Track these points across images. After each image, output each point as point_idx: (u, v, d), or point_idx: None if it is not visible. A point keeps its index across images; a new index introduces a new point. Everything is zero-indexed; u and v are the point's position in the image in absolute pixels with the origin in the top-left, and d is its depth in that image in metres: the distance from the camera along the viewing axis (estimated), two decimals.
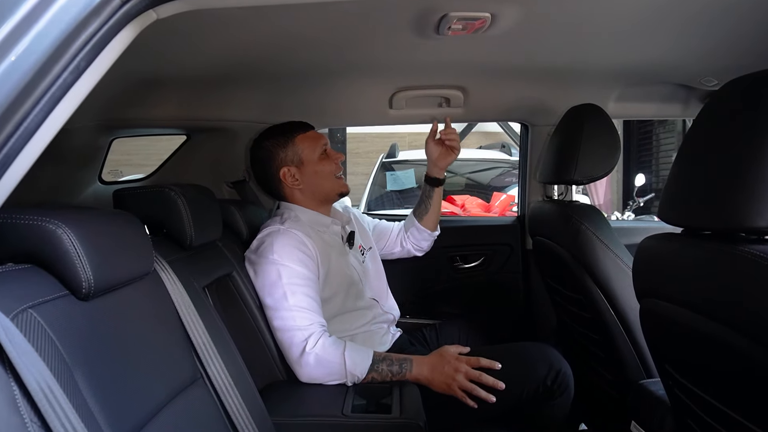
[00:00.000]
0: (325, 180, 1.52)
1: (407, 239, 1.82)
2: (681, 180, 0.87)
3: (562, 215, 1.52)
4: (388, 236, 1.82)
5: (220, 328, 1.11)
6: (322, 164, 1.51)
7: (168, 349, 0.95)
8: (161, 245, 1.12)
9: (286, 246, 1.39)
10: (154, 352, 0.90)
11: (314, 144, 1.51)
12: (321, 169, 1.51)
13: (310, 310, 1.35)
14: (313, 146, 1.50)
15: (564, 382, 1.37)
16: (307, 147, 1.50)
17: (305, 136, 1.51)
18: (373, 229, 1.81)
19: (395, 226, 1.85)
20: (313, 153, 1.50)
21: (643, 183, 3.88)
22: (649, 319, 1.01)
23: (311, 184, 1.52)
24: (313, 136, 1.53)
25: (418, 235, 1.81)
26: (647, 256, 0.97)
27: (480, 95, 1.77)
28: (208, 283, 1.26)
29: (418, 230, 1.80)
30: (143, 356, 0.85)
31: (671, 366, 0.99)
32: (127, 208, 1.16)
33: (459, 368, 1.32)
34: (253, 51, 1.34)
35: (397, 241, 1.82)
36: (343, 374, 1.31)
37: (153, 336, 0.91)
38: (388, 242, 1.82)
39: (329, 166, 1.52)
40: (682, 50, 1.42)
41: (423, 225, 1.79)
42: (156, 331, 0.93)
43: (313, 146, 1.50)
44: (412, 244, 1.83)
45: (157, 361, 0.90)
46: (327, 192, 1.53)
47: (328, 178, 1.52)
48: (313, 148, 1.50)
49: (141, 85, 1.51)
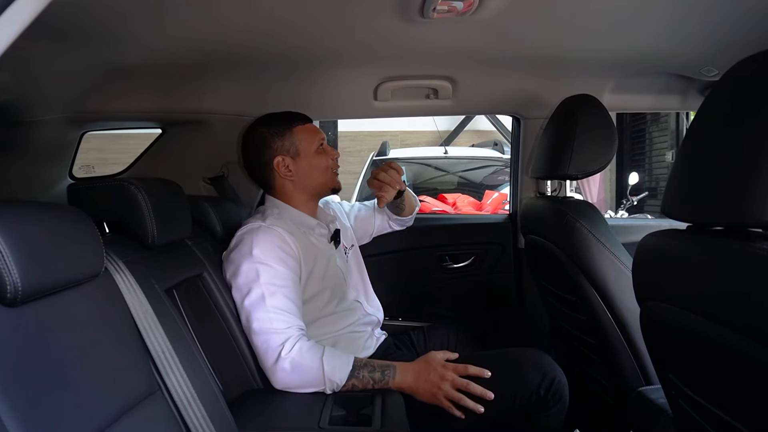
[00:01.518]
0: (319, 173, 1.47)
1: (393, 224, 1.80)
2: (687, 172, 0.79)
3: (557, 212, 1.44)
4: (373, 222, 1.78)
5: (183, 335, 1.02)
6: (318, 158, 1.46)
7: (120, 359, 0.85)
8: (119, 244, 1.03)
9: (266, 243, 1.31)
10: (102, 363, 0.81)
11: (312, 137, 1.46)
12: (317, 162, 1.46)
13: (288, 312, 1.27)
14: (311, 139, 1.46)
15: (558, 391, 1.29)
16: (305, 139, 1.46)
17: (304, 127, 1.47)
18: (355, 219, 1.75)
19: (375, 206, 1.79)
20: (310, 145, 1.46)
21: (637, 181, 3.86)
22: (650, 324, 0.92)
23: (304, 176, 1.46)
24: (312, 129, 1.48)
25: (401, 220, 1.80)
26: (649, 255, 0.89)
27: (469, 86, 1.70)
28: (174, 284, 1.16)
29: (401, 219, 1.79)
30: (87, 369, 0.76)
31: (675, 375, 0.90)
32: (83, 204, 1.06)
33: (445, 376, 1.25)
34: (228, 37, 1.27)
35: (384, 224, 1.79)
36: (321, 381, 1.22)
37: (101, 345, 0.82)
38: (375, 227, 1.78)
39: (325, 160, 1.47)
40: (681, 37, 1.36)
41: (403, 216, 1.78)
42: (105, 340, 0.83)
43: (311, 139, 1.46)
44: (399, 226, 1.82)
45: (105, 373, 0.81)
46: (319, 186, 1.48)
47: (323, 172, 1.47)
48: (311, 141, 1.46)
49: (111, 75, 1.44)
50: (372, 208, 1.78)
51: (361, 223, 1.75)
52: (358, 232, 1.75)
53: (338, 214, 1.67)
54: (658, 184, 7.36)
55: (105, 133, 2.13)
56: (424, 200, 3.52)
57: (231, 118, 1.75)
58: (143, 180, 1.09)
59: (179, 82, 1.59)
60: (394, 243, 1.98)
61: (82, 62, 1.34)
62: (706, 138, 0.77)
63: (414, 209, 1.79)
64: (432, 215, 2.86)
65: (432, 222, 2.11)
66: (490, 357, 1.36)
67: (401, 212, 1.74)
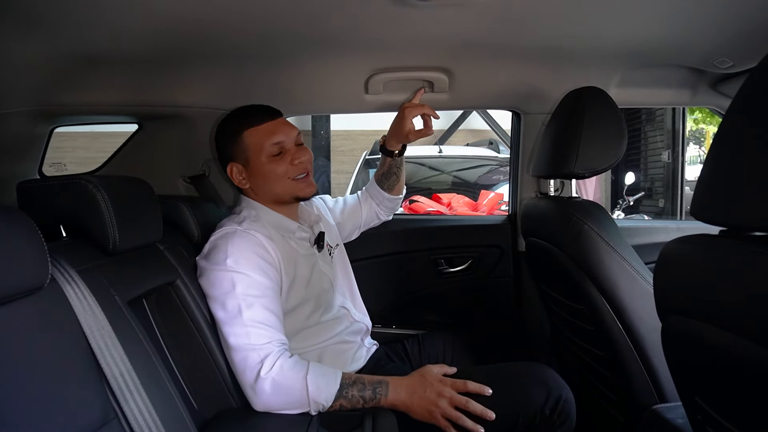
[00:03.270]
0: (273, 182, 1.30)
1: (381, 211, 1.71)
2: (723, 171, 0.69)
3: (562, 213, 1.34)
4: (360, 213, 1.68)
5: (147, 353, 0.90)
6: (270, 165, 1.29)
7: (67, 385, 0.74)
8: (74, 251, 0.91)
9: (242, 250, 1.19)
10: (45, 390, 0.69)
11: (264, 140, 1.29)
12: (269, 170, 1.29)
13: (268, 325, 1.16)
14: (262, 143, 1.29)
15: (565, 410, 1.18)
16: (254, 144, 1.29)
17: (255, 130, 1.29)
18: (341, 213, 1.64)
19: (360, 198, 1.70)
20: (259, 151, 1.29)
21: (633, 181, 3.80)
22: (675, 342, 0.82)
23: (259, 185, 1.32)
24: (266, 131, 1.30)
25: (391, 204, 1.70)
26: (675, 262, 0.78)
27: (466, 79, 1.59)
28: (141, 294, 1.05)
29: (391, 200, 1.69)
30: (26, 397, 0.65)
31: (704, 398, 0.80)
32: (33, 204, 0.95)
33: (443, 392, 1.14)
34: (205, 19, 1.17)
35: (372, 213, 1.70)
36: (305, 402, 1.11)
37: (44, 369, 0.71)
38: (363, 218, 1.68)
39: (281, 166, 1.29)
40: (693, 26, 1.27)
41: (394, 194, 1.68)
42: (49, 363, 0.72)
43: (262, 143, 1.29)
44: (386, 213, 1.73)
45: (49, 402, 0.69)
46: (278, 195, 1.33)
47: (278, 180, 1.30)
48: (260, 146, 1.29)
49: (81, 64, 1.34)
50: (357, 198, 1.68)
51: (349, 216, 1.65)
52: (346, 226, 1.64)
53: (322, 213, 1.55)
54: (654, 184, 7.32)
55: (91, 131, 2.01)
56: (418, 200, 3.43)
57: (211, 111, 1.63)
58: (104, 178, 0.97)
59: (155, 73, 1.49)
60: (385, 246, 1.87)
61: (47, 49, 1.24)
62: (747, 132, 0.67)
63: (403, 187, 1.70)
64: (426, 216, 2.76)
65: (426, 223, 2.00)
66: (490, 372, 1.26)
67: (395, 183, 1.65)
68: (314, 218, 1.44)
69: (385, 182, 1.65)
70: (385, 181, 1.65)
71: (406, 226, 1.94)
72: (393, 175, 1.64)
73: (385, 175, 1.64)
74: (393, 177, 1.64)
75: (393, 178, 1.64)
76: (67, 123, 1.77)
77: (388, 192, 1.66)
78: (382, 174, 1.64)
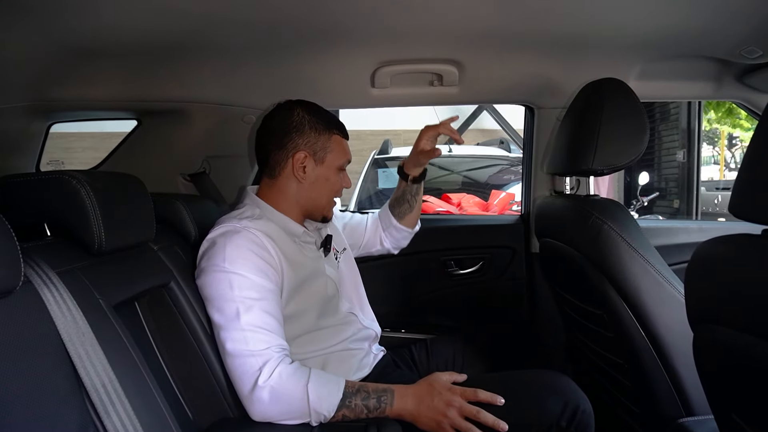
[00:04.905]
0: (323, 192, 1.28)
1: (386, 239, 1.59)
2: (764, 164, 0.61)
3: (579, 212, 1.26)
4: (363, 232, 1.58)
5: (134, 361, 0.84)
6: (336, 176, 1.29)
7: (41, 396, 0.68)
8: (56, 251, 0.85)
9: (241, 249, 1.13)
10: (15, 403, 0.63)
11: (344, 154, 1.30)
12: (333, 180, 1.29)
13: (267, 330, 1.09)
14: (341, 156, 1.30)
15: (583, 422, 1.10)
16: (337, 150, 1.29)
17: (343, 141, 1.31)
18: (343, 228, 1.56)
19: (368, 219, 1.60)
20: (337, 160, 1.29)
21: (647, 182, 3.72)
22: (709, 353, 0.74)
23: (312, 187, 1.27)
24: (346, 147, 1.33)
25: (398, 235, 1.58)
26: (710, 265, 0.71)
27: (477, 71, 1.52)
28: (130, 297, 0.99)
29: (398, 230, 1.57)
30: None
31: (743, 417, 0.72)
32: (15, 201, 0.89)
33: (452, 402, 1.07)
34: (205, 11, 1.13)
35: (375, 237, 1.59)
36: (306, 412, 1.04)
37: (12, 379, 0.64)
38: (364, 239, 1.58)
39: (338, 183, 1.30)
40: (719, 13, 1.19)
41: (404, 224, 1.56)
42: (19, 372, 0.65)
43: (341, 156, 1.30)
44: (391, 244, 1.60)
45: (20, 416, 0.63)
46: (316, 206, 1.29)
47: (327, 193, 1.29)
48: (341, 156, 1.29)
49: (77, 58, 1.31)
50: (364, 219, 1.59)
51: (351, 231, 1.56)
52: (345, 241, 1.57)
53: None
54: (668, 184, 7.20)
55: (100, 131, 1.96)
56: (427, 200, 3.36)
57: (211, 107, 1.59)
58: (89, 173, 0.91)
59: (154, 67, 1.44)
60: None
61: (41, 41, 1.21)
62: None
63: (416, 222, 1.60)
64: (436, 216, 2.69)
65: (436, 223, 1.93)
66: (502, 380, 1.19)
67: (407, 212, 1.55)
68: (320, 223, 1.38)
69: (396, 208, 1.56)
70: (396, 207, 1.56)
71: None
72: (406, 202, 1.55)
73: (398, 201, 1.56)
74: (405, 204, 1.55)
75: (405, 205, 1.55)
76: (64, 119, 1.73)
77: (398, 220, 1.56)
78: (395, 198, 1.57)
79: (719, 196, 6.87)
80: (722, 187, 7.17)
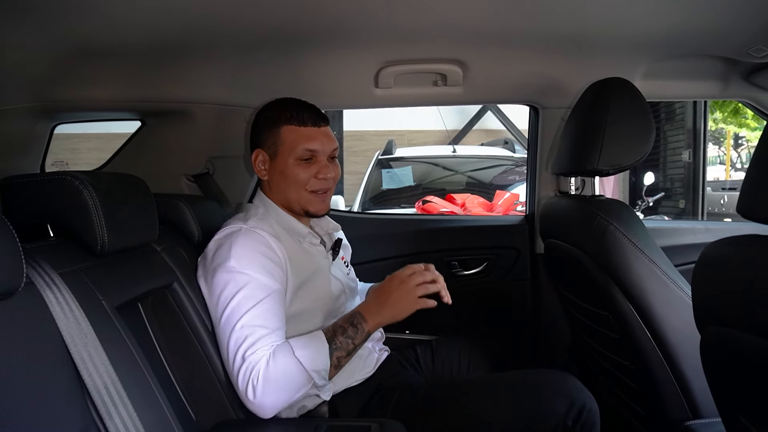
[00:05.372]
0: (291, 187, 1.23)
1: None
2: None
3: (585, 213, 1.25)
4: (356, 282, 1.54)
5: (136, 362, 0.84)
6: (295, 168, 1.22)
7: (43, 398, 0.67)
8: (59, 252, 0.85)
9: (246, 249, 1.13)
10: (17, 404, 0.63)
11: (299, 142, 1.22)
12: (290, 173, 1.22)
13: (269, 330, 1.09)
14: (296, 143, 1.21)
15: (589, 421, 1.11)
16: (289, 141, 1.22)
17: (295, 129, 1.22)
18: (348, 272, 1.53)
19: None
20: (291, 151, 1.22)
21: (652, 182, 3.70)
22: (716, 355, 0.73)
23: (276, 183, 1.26)
24: (305, 134, 1.22)
25: None
26: (717, 267, 0.70)
27: (481, 71, 1.52)
28: (133, 298, 0.98)
29: None
30: None
31: (751, 419, 0.71)
32: (18, 202, 0.89)
33: (403, 277, 1.17)
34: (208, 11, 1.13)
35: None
36: (307, 377, 1.06)
37: (14, 380, 0.64)
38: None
39: (304, 174, 1.22)
40: (726, 12, 1.18)
41: None
42: (20, 374, 0.65)
43: (296, 143, 1.21)
44: None
45: (18, 417, 0.63)
46: (289, 201, 1.25)
47: (296, 186, 1.23)
48: (293, 146, 1.21)
49: (81, 58, 1.31)
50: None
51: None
52: None
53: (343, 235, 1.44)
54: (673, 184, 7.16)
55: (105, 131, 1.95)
56: (431, 201, 3.35)
57: (214, 107, 1.58)
58: (92, 174, 0.91)
59: (157, 67, 1.44)
60: (397, 247, 1.80)
61: (46, 42, 1.21)
62: None
63: None
64: (440, 216, 2.68)
65: (440, 224, 1.93)
66: (508, 379, 1.20)
67: None
68: (333, 227, 1.37)
69: None
70: None
71: (419, 226, 1.86)
72: None
73: None
74: None
75: None
76: (69, 120, 1.72)
77: None
78: None
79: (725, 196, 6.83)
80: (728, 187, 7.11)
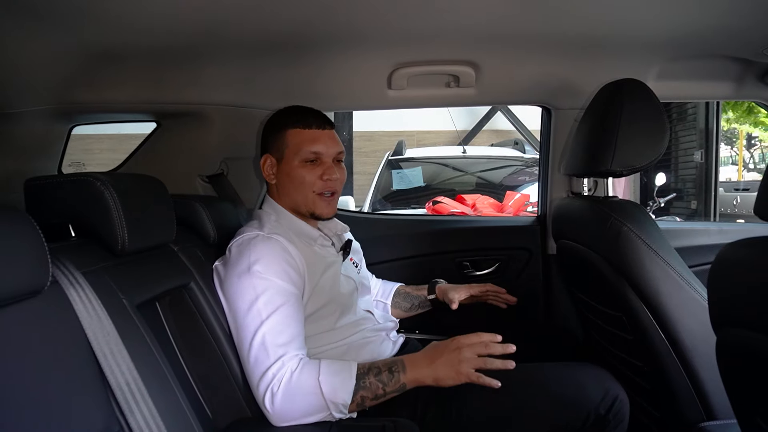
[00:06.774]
0: (297, 189, 1.25)
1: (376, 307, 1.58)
2: None
3: (598, 214, 1.25)
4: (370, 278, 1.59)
5: (157, 361, 0.85)
6: (301, 170, 1.24)
7: (68, 394, 0.69)
8: (81, 252, 0.87)
9: (267, 255, 1.14)
10: (43, 400, 0.65)
11: (303, 144, 1.24)
12: (295, 175, 1.24)
13: (286, 336, 1.10)
14: (300, 146, 1.24)
15: (621, 411, 1.16)
16: (293, 144, 1.24)
17: (300, 132, 1.25)
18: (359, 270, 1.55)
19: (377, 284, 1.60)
20: (296, 153, 1.24)
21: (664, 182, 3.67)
22: (732, 356, 0.73)
23: (284, 186, 1.28)
24: (309, 136, 1.24)
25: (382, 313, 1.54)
26: (733, 269, 0.70)
27: (494, 72, 1.52)
28: (152, 297, 1.00)
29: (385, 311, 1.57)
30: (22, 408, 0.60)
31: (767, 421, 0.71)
32: (41, 203, 0.91)
33: (460, 346, 1.05)
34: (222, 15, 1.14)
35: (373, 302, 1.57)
36: (323, 405, 1.04)
37: (43, 377, 0.66)
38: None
39: (309, 175, 1.24)
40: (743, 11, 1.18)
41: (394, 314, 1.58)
42: (46, 370, 0.67)
43: (300, 146, 1.24)
44: None
45: (47, 412, 0.64)
46: (296, 203, 1.27)
47: (302, 188, 1.24)
48: (298, 148, 1.24)
49: (98, 61, 1.32)
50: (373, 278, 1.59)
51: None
52: None
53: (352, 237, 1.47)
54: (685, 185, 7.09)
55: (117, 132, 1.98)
56: (441, 201, 3.35)
57: (229, 109, 1.59)
58: (113, 175, 0.93)
59: (173, 70, 1.46)
60: (408, 248, 1.81)
61: (65, 46, 1.23)
62: None
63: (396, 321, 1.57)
64: (450, 217, 2.68)
65: (451, 224, 1.93)
66: (546, 370, 1.25)
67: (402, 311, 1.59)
68: (341, 228, 1.38)
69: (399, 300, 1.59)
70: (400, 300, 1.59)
71: (430, 227, 1.87)
72: (410, 305, 1.58)
73: (406, 298, 1.59)
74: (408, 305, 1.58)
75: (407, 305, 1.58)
76: (86, 122, 1.75)
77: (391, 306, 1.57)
78: (407, 293, 1.59)
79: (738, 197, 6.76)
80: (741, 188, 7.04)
